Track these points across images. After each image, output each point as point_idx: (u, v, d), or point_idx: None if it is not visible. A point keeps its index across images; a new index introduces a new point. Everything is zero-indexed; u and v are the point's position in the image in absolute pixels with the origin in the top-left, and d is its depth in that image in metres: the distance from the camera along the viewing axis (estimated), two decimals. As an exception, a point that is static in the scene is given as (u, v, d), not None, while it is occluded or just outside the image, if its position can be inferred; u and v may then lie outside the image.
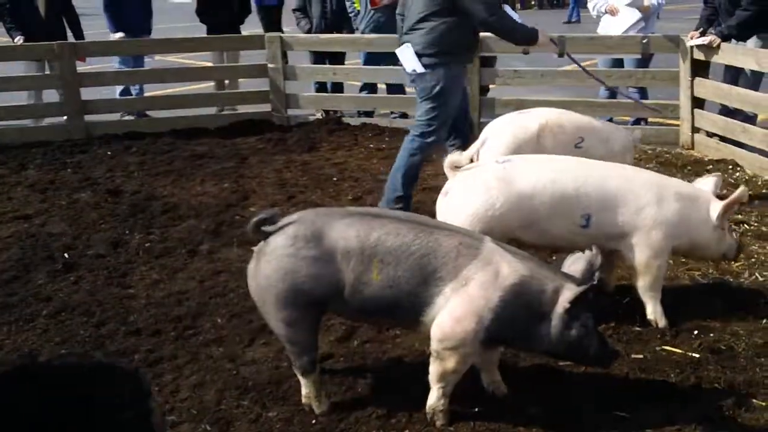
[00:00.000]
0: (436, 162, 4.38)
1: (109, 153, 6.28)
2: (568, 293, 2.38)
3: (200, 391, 2.84)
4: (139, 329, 3.33)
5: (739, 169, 5.42)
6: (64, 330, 3.34)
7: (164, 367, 3.01)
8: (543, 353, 2.59)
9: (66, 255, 4.15)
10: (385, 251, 2.44)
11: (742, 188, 3.24)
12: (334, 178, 5.45)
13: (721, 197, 3.26)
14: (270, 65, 7.00)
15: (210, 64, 8.22)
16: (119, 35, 7.23)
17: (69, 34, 7.30)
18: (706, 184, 3.32)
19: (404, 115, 7.18)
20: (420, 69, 4.33)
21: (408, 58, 4.36)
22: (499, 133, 4.01)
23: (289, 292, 2.47)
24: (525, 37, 4.30)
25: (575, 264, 2.52)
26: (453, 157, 3.29)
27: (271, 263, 2.48)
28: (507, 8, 7.24)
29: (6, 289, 3.74)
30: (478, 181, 3.19)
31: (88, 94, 6.99)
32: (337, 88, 7.54)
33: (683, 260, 3.80)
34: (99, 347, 3.18)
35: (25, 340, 3.25)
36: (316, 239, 2.47)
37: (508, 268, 2.43)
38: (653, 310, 3.24)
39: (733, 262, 3.78)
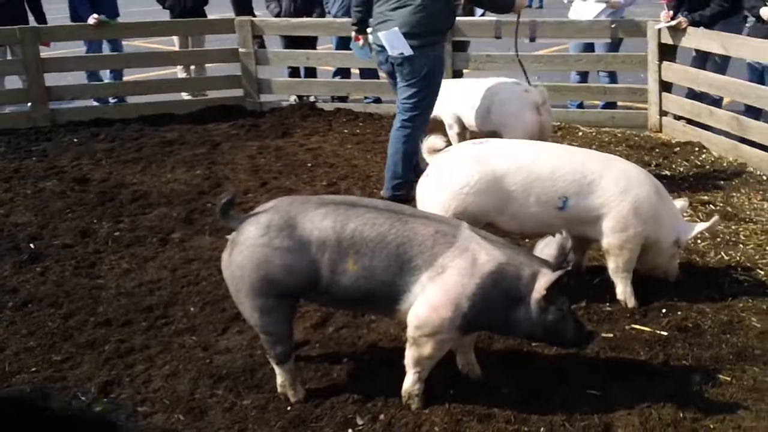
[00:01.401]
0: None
1: (75, 140, 6.16)
2: (543, 279, 2.40)
3: (173, 381, 2.82)
4: (109, 320, 3.28)
5: (705, 151, 5.50)
6: (31, 322, 3.28)
7: (136, 358, 2.99)
8: (521, 337, 2.61)
9: (32, 245, 4.08)
10: (361, 242, 2.43)
11: (716, 218, 3.36)
12: (308, 164, 5.41)
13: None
14: (241, 50, 6.91)
15: (175, 48, 8.08)
16: (95, 18, 7.01)
17: (31, 18, 7.13)
18: (676, 203, 3.37)
19: (378, 100, 7.15)
20: (408, 52, 4.29)
21: (396, 41, 4.30)
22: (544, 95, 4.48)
23: (263, 282, 2.45)
24: (507, 3, 4.53)
25: (547, 248, 2.53)
26: (431, 141, 3.30)
27: (244, 253, 2.46)
28: None
29: (-30, 281, 3.67)
30: (455, 161, 3.23)
31: (52, 79, 6.84)
32: (310, 73, 7.48)
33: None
34: (68, 339, 3.14)
35: (-9, 332, 3.20)
36: (290, 229, 2.45)
37: (486, 255, 2.43)
38: (623, 291, 3.28)
39: (699, 242, 3.86)
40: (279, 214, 2.49)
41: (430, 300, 2.41)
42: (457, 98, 4.90)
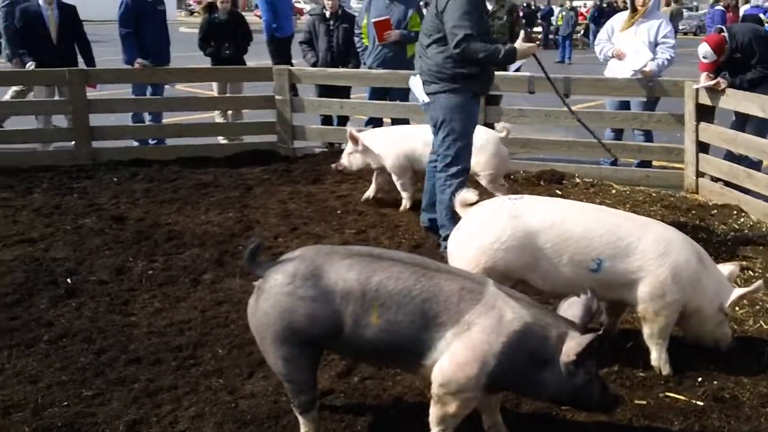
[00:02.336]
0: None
1: (115, 179, 6.30)
2: (573, 343, 2.36)
3: (199, 423, 2.82)
4: (139, 358, 3.31)
5: (743, 214, 5.42)
6: (65, 356, 3.32)
7: (163, 398, 2.99)
8: (546, 400, 2.57)
9: (69, 280, 4.14)
10: (386, 295, 2.42)
11: (759, 283, 3.25)
12: (338, 211, 5.46)
13: None
14: (277, 97, 7.06)
15: (213, 94, 8.30)
16: (140, 62, 7.24)
17: (80, 60, 7.37)
18: (725, 269, 3.29)
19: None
20: (426, 99, 4.40)
21: (417, 88, 4.45)
22: None
23: (287, 330, 2.46)
24: (505, 58, 4.25)
25: (571, 308, 2.50)
26: (463, 195, 3.31)
27: (269, 301, 2.48)
28: None
29: (8, 313, 3.73)
30: (488, 216, 3.23)
31: (96, 120, 7.04)
32: (343, 121, 7.60)
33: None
34: (99, 375, 3.17)
35: (26, 365, 3.24)
36: (315, 278, 2.45)
37: (512, 313, 2.41)
38: (658, 357, 3.21)
39: (737, 309, 3.78)
40: (305, 263, 2.50)
41: (456, 357, 2.38)
42: (411, 147, 5.36)
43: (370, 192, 5.72)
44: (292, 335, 2.46)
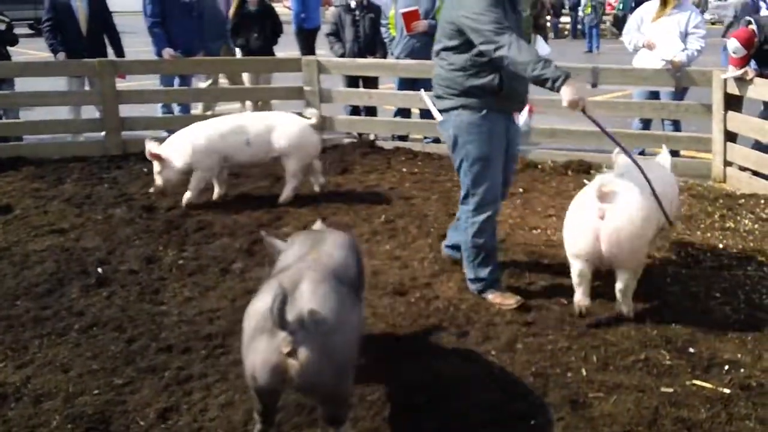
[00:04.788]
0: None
1: (145, 169, 6.35)
2: None
3: (228, 411, 2.87)
4: (170, 346, 3.37)
5: (772, 204, 5.35)
6: (96, 345, 3.39)
7: (194, 386, 3.05)
8: None
9: (100, 270, 4.22)
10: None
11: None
12: (366, 201, 5.48)
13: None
14: (306, 88, 7.09)
15: (245, 85, 8.35)
16: (169, 53, 7.28)
17: (110, 51, 7.45)
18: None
19: (437, 140, 7.20)
20: (438, 116, 3.82)
21: (430, 105, 3.89)
22: None
23: (348, 362, 2.42)
24: (539, 79, 3.38)
25: None
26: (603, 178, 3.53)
27: (324, 351, 2.30)
28: (539, 39, 7.27)
29: (39, 303, 3.82)
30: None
31: (125, 110, 7.13)
32: (371, 111, 7.61)
33: (716, 294, 3.79)
34: (129, 363, 3.23)
35: (57, 354, 3.31)
36: (334, 295, 2.45)
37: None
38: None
39: (764, 298, 3.74)
40: (316, 296, 2.38)
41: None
42: (224, 141, 5.32)
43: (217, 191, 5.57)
44: (353, 359, 2.47)
